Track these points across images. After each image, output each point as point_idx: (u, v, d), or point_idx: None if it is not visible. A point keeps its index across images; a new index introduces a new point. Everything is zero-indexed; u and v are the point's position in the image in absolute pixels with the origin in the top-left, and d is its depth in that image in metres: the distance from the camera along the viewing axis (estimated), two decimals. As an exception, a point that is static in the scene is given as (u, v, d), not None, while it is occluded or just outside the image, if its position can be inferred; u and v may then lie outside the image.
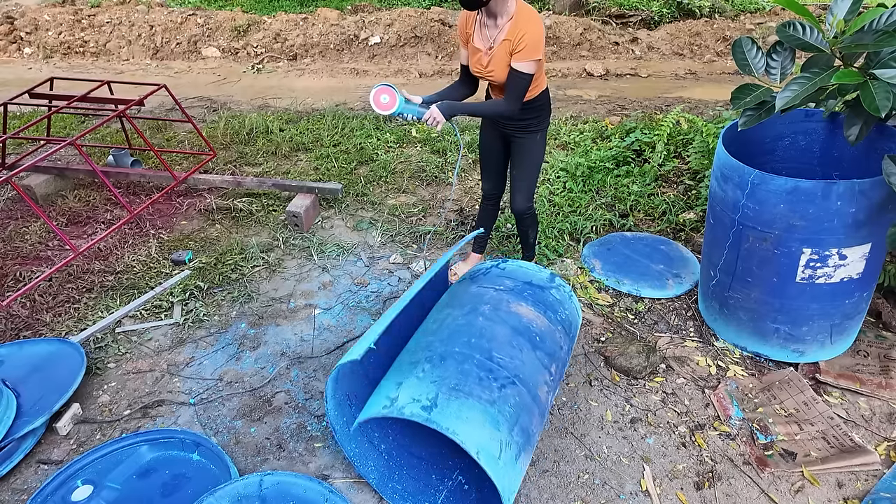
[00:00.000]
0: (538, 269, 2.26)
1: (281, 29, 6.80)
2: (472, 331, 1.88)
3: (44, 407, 2.16)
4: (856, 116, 1.96)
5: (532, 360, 1.88)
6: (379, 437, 2.06)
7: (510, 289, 2.11)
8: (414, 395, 1.67)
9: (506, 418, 1.68)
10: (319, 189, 3.52)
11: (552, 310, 2.10)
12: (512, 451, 1.65)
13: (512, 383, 1.76)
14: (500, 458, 1.60)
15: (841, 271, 2.09)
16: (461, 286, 2.21)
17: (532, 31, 2.14)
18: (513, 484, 1.64)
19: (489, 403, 1.67)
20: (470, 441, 1.57)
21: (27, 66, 6.77)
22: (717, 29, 6.55)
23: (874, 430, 2.09)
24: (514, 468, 1.65)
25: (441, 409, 1.61)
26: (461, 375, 1.72)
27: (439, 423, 1.58)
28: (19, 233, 3.44)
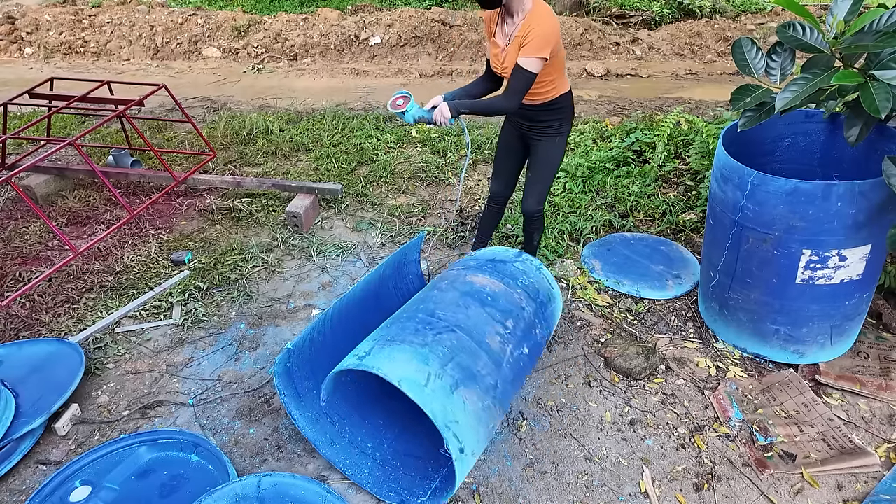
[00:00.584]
0: (507, 250, 2.33)
1: (281, 29, 6.80)
2: (422, 299, 2.03)
3: (42, 407, 2.16)
4: (856, 117, 1.96)
5: (479, 314, 1.97)
6: (372, 446, 2.07)
7: (470, 266, 2.23)
8: (355, 352, 1.82)
9: (437, 356, 1.77)
10: (319, 189, 3.52)
11: (511, 277, 2.17)
12: (444, 381, 1.72)
13: (450, 331, 1.87)
14: (427, 385, 1.69)
15: (841, 272, 2.08)
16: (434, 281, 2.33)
17: (541, 27, 2.12)
18: (448, 411, 1.69)
19: (420, 346, 1.79)
20: (393, 374, 1.66)
21: (28, 66, 6.78)
22: (718, 29, 6.55)
23: (874, 432, 2.08)
24: (448, 397, 1.71)
25: (373, 356, 1.74)
26: (400, 330, 1.87)
27: (367, 364, 1.69)
28: (19, 233, 3.44)
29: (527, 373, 2.08)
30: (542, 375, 2.38)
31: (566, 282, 2.91)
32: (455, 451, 1.68)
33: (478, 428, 1.77)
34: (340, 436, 2.07)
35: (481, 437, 1.79)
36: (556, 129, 2.45)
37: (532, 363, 2.10)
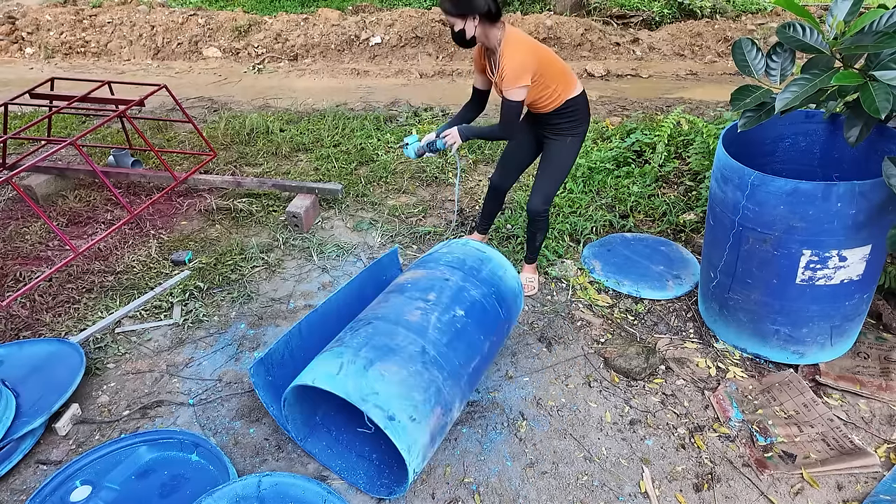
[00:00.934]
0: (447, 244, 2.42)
1: (282, 29, 6.81)
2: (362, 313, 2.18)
3: (43, 407, 2.16)
4: (856, 118, 1.96)
5: (397, 300, 2.08)
6: (369, 449, 2.09)
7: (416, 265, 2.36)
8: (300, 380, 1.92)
9: (351, 347, 1.89)
10: (319, 189, 3.52)
11: (434, 261, 2.29)
12: (357, 364, 1.82)
13: (367, 323, 2.00)
14: (339, 373, 1.81)
15: (841, 273, 2.08)
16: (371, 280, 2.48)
17: (510, 61, 2.27)
18: (363, 387, 1.76)
19: (337, 345, 1.94)
20: (308, 378, 1.83)
21: (28, 66, 6.79)
22: (719, 29, 6.55)
23: (874, 433, 2.08)
24: (363, 375, 1.79)
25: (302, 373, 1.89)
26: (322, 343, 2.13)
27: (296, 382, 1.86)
28: (19, 233, 3.44)
29: (474, 333, 2.06)
30: (542, 376, 2.38)
31: (566, 282, 2.91)
32: (382, 420, 1.71)
33: (408, 393, 1.79)
34: (337, 442, 2.10)
35: (418, 400, 1.79)
36: (568, 130, 2.52)
37: (480, 322, 2.09)
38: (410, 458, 1.73)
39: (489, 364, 2.21)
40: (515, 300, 2.29)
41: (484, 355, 2.08)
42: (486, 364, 2.15)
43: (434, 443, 1.86)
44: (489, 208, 2.99)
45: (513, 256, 3.07)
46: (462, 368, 1.96)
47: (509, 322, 2.27)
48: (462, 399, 1.99)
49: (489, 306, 2.15)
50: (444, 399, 1.87)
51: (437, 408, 1.84)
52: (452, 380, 1.91)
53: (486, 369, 2.24)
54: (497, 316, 2.17)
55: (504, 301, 2.22)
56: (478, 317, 2.09)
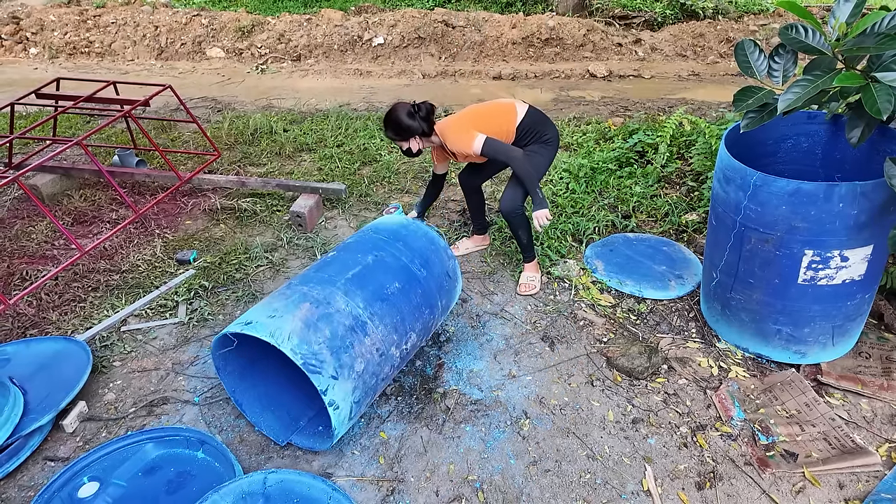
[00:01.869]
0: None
1: (285, 30, 6.83)
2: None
3: (50, 404, 2.18)
4: (858, 119, 1.97)
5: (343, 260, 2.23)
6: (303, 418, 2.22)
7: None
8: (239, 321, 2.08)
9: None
10: (323, 189, 3.54)
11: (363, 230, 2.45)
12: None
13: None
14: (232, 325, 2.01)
15: (843, 273, 2.09)
16: None
17: (456, 137, 2.63)
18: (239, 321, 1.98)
19: None
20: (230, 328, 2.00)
21: (33, 66, 6.82)
22: (721, 30, 6.56)
23: (875, 432, 2.10)
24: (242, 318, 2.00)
25: None
26: None
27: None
28: (26, 232, 3.46)
29: (344, 256, 2.22)
30: (544, 375, 2.40)
31: (569, 282, 2.92)
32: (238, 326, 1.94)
33: (268, 304, 2.01)
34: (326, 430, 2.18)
35: (277, 305, 1.99)
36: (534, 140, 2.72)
37: (351, 250, 2.25)
38: (278, 340, 1.85)
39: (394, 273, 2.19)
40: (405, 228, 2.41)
41: (368, 265, 2.17)
42: (383, 271, 2.17)
43: (318, 329, 1.93)
44: (472, 206, 3.11)
45: (515, 256, 3.09)
46: (335, 277, 2.09)
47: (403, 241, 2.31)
48: (347, 294, 2.05)
49: (368, 239, 2.31)
50: (312, 298, 2.01)
51: (304, 304, 1.99)
52: (321, 285, 2.06)
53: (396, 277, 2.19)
54: (379, 240, 2.30)
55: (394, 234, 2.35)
56: (352, 248, 2.25)
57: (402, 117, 2.62)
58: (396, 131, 2.64)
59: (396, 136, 2.67)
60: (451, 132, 2.66)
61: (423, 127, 2.64)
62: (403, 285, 2.18)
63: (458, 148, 2.64)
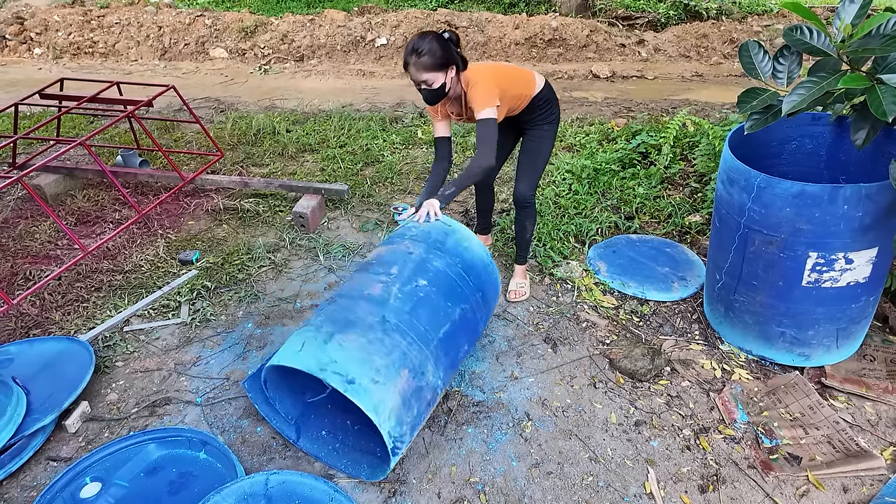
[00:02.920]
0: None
1: (288, 30, 6.84)
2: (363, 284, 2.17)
3: (53, 404, 2.19)
4: (863, 120, 1.95)
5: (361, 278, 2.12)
6: (373, 444, 2.11)
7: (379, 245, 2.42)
8: None
9: (313, 325, 1.96)
10: (326, 190, 3.54)
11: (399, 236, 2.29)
12: (318, 339, 1.89)
13: (330, 303, 2.07)
14: (301, 350, 1.88)
15: (847, 275, 2.08)
16: None
17: (481, 88, 2.28)
18: (321, 358, 1.82)
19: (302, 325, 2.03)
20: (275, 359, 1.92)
21: (37, 66, 6.84)
22: (724, 31, 6.54)
23: (880, 435, 2.08)
24: (322, 348, 1.85)
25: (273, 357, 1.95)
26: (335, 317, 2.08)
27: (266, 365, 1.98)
28: (29, 232, 3.47)
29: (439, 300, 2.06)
30: (547, 376, 2.39)
31: (571, 283, 2.92)
32: (342, 384, 1.75)
33: (369, 358, 1.81)
34: (344, 445, 2.13)
35: (379, 364, 1.81)
36: (544, 119, 2.59)
37: (446, 291, 2.10)
38: (380, 419, 1.75)
39: (470, 333, 2.18)
40: (485, 269, 2.27)
41: (455, 322, 2.08)
42: (464, 332, 2.14)
43: (410, 407, 1.85)
44: (481, 205, 3.05)
45: (518, 257, 3.08)
46: (429, 333, 1.98)
47: (482, 291, 2.24)
48: (436, 363, 1.98)
49: (454, 274, 2.15)
50: (410, 362, 1.88)
51: (404, 370, 1.86)
52: (419, 343, 1.94)
53: (469, 339, 2.19)
54: (465, 284, 2.17)
55: (471, 269, 2.21)
56: (442, 285, 2.09)
57: (440, 42, 2.19)
58: (434, 59, 2.17)
59: (432, 66, 2.18)
60: (483, 82, 2.29)
61: (460, 55, 2.26)
62: (470, 347, 2.21)
63: (479, 95, 2.27)
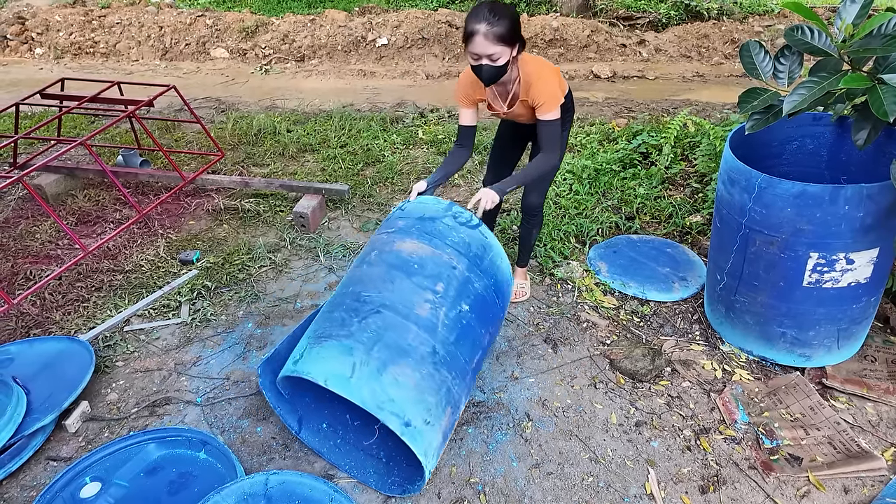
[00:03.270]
0: (437, 202, 2.19)
1: (289, 30, 6.84)
2: (351, 279, 2.02)
3: (53, 404, 2.19)
4: (864, 120, 1.95)
5: (406, 286, 1.94)
6: (377, 447, 2.10)
7: (399, 228, 2.14)
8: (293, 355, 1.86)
9: (362, 343, 1.79)
10: (326, 190, 3.54)
11: (440, 237, 2.09)
12: (370, 366, 1.75)
13: (376, 312, 1.87)
14: (353, 376, 1.72)
15: (848, 276, 2.08)
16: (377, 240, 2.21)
17: (544, 89, 2.14)
18: (378, 393, 1.71)
19: (345, 337, 1.81)
20: (319, 374, 1.72)
21: (38, 66, 6.85)
22: (726, 31, 6.53)
23: (881, 436, 2.08)
24: (377, 380, 1.74)
25: (304, 359, 1.78)
26: (327, 323, 1.89)
27: (299, 370, 1.76)
28: (30, 231, 3.48)
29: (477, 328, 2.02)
30: (547, 377, 2.39)
31: (572, 283, 2.91)
32: (399, 427, 1.70)
33: (422, 397, 1.77)
34: (344, 441, 2.11)
35: (431, 403, 1.78)
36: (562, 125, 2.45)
37: (482, 316, 2.05)
38: (427, 462, 1.74)
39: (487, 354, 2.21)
40: (508, 290, 2.25)
41: (484, 349, 2.08)
42: (485, 357, 2.16)
43: (445, 441, 1.87)
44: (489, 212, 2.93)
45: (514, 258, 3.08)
46: (467, 365, 1.96)
47: (504, 312, 2.25)
48: (468, 395, 2.00)
49: (489, 299, 2.10)
50: (453, 398, 1.87)
51: (448, 407, 1.85)
52: (460, 378, 1.92)
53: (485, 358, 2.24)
54: (496, 308, 2.14)
55: (501, 293, 2.18)
56: (479, 311, 2.05)
57: (513, 13, 2.03)
58: (507, 29, 2.00)
59: (503, 38, 2.01)
60: (552, 78, 2.16)
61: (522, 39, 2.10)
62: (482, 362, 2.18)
63: (548, 93, 2.14)
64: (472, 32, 2.00)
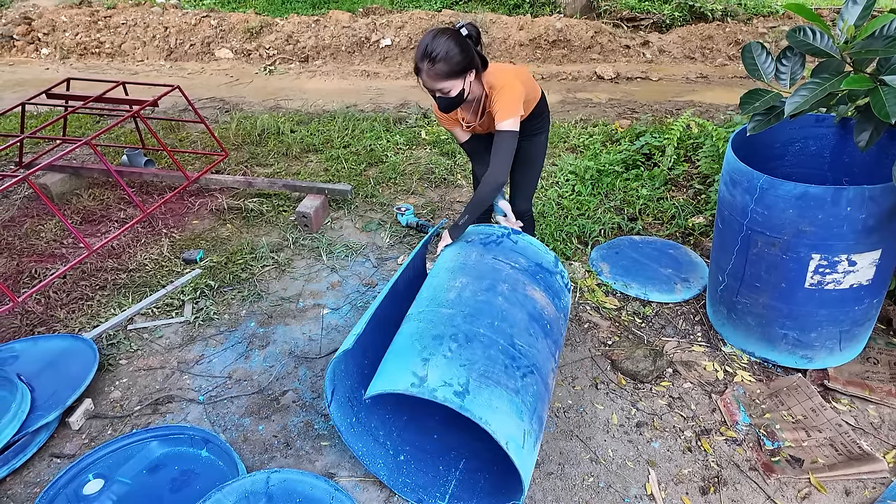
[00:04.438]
0: (545, 249, 2.24)
1: (293, 31, 6.86)
2: (493, 311, 1.87)
3: (57, 402, 2.20)
4: (866, 122, 1.95)
5: (544, 347, 1.90)
6: (384, 434, 2.08)
7: (525, 268, 2.08)
8: (444, 377, 1.63)
9: (527, 407, 1.70)
10: (329, 190, 3.55)
11: (557, 297, 2.11)
12: (531, 438, 1.69)
13: (531, 372, 1.78)
14: (524, 446, 1.64)
15: (850, 277, 2.07)
16: (473, 251, 2.13)
17: (501, 98, 2.06)
18: (530, 470, 1.67)
19: (514, 392, 1.68)
20: (501, 432, 1.58)
21: (44, 66, 6.89)
22: (730, 32, 6.52)
23: (883, 438, 2.07)
24: (531, 454, 1.69)
25: (473, 397, 1.60)
26: (488, 361, 1.71)
27: (472, 411, 1.57)
28: (35, 230, 3.50)
29: None
30: (548, 377, 2.39)
31: (574, 284, 2.91)
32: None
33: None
34: (358, 422, 2.06)
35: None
36: (539, 129, 2.45)
37: None
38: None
39: None
40: None
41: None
42: None
43: None
44: None
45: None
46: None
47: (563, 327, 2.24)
48: None
49: None
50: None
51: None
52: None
53: None
54: None
55: None
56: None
57: (458, 42, 1.91)
58: (450, 65, 1.90)
59: (448, 74, 1.93)
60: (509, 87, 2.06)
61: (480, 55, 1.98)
62: None
63: (505, 102, 2.05)
64: (417, 70, 1.98)
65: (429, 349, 1.72)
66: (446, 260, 2.14)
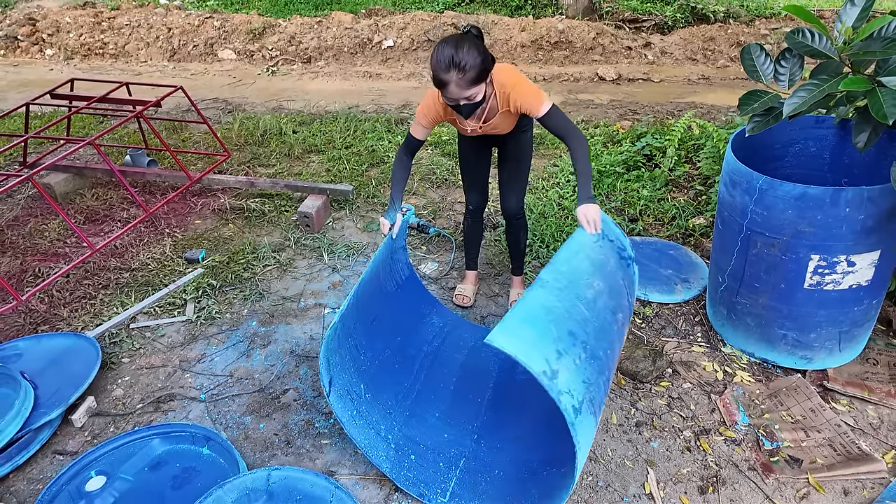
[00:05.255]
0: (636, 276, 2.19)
1: (295, 32, 6.89)
2: (612, 338, 1.87)
3: (60, 399, 2.22)
4: (864, 123, 1.95)
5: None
6: (385, 428, 2.09)
7: (630, 306, 2.08)
8: (569, 384, 1.60)
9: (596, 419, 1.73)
10: (331, 190, 3.57)
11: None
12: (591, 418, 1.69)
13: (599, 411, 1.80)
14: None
15: (849, 278, 2.08)
16: (612, 258, 2.04)
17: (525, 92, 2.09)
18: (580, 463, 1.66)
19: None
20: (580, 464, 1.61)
21: (49, 66, 6.92)
22: (732, 34, 6.52)
23: (882, 439, 2.08)
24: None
25: (581, 420, 1.60)
26: (596, 389, 1.71)
27: (577, 433, 1.57)
28: (39, 230, 3.52)
29: None
30: (548, 377, 2.40)
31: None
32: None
33: None
34: (359, 414, 2.06)
35: None
36: (524, 126, 2.39)
37: None
38: None
39: None
40: None
41: None
42: None
43: None
44: (473, 235, 2.76)
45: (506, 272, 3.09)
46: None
47: None
48: None
49: None
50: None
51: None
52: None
53: None
54: None
55: None
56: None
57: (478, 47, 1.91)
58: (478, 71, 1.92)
59: (477, 80, 1.93)
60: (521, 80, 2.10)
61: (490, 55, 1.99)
62: None
63: (524, 101, 2.08)
64: (443, 83, 1.93)
65: (563, 343, 1.65)
66: (589, 241, 2.02)
